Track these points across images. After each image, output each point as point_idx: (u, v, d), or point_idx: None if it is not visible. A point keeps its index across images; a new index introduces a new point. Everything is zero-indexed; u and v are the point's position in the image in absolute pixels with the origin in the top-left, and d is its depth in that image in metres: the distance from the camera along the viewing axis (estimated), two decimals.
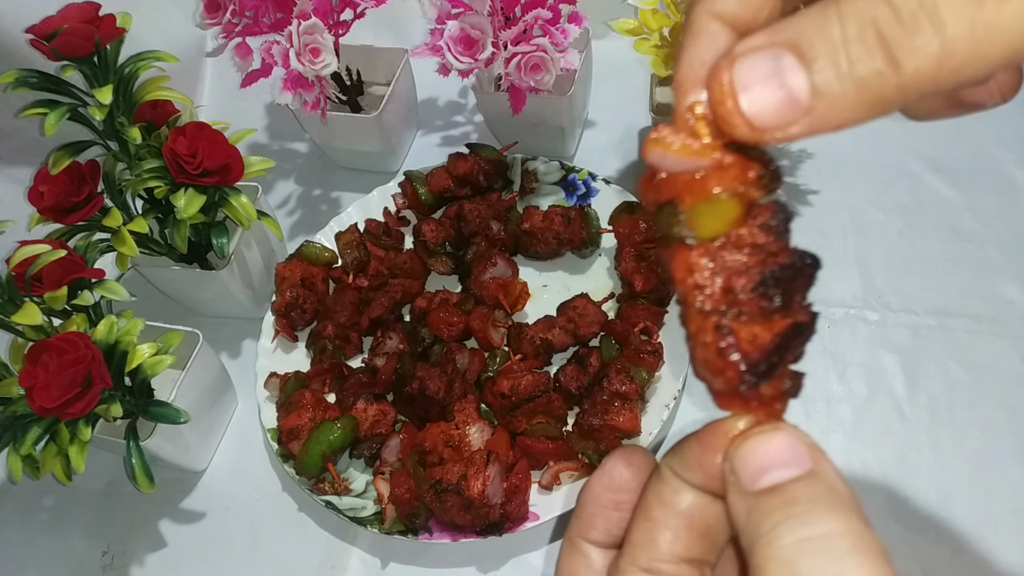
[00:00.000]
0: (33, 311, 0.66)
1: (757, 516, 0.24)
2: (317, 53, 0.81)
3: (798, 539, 0.22)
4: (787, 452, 0.24)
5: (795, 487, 0.24)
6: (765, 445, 0.25)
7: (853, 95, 0.22)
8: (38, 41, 0.71)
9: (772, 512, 0.23)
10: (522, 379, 0.76)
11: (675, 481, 0.26)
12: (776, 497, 0.24)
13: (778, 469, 0.24)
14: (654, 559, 0.26)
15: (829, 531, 0.22)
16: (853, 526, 0.22)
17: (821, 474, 0.24)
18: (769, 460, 0.24)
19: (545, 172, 0.93)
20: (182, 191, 0.75)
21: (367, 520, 0.73)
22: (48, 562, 0.81)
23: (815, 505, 0.23)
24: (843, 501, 0.23)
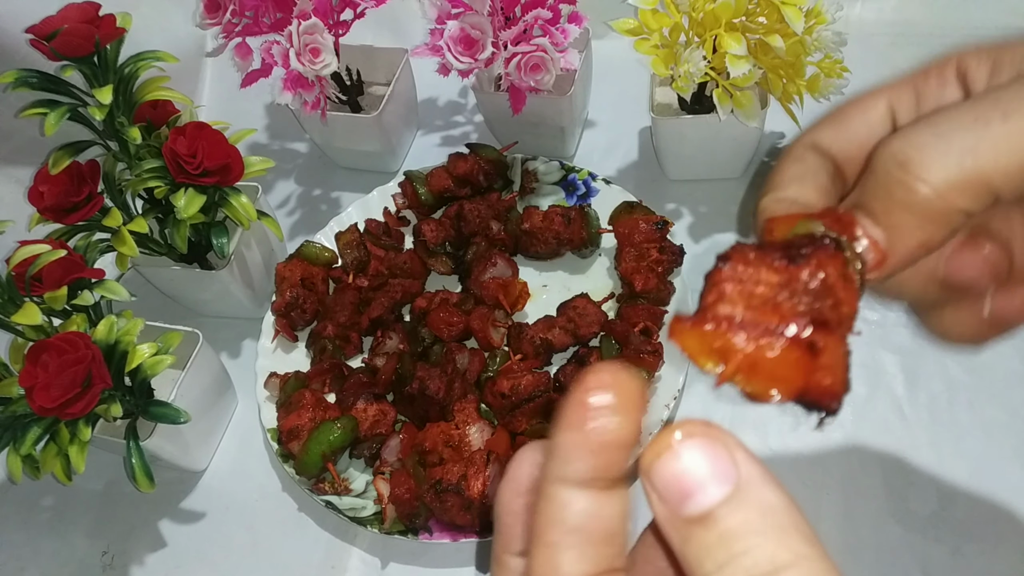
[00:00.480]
0: (33, 311, 0.66)
1: (696, 551, 0.22)
2: (317, 53, 0.81)
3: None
4: (707, 467, 0.22)
5: (726, 516, 0.22)
6: (681, 461, 0.23)
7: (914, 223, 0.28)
8: (38, 41, 0.71)
9: (711, 551, 0.22)
10: (522, 379, 0.76)
11: (560, 493, 0.24)
12: (710, 531, 0.22)
13: (701, 492, 0.22)
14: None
15: (773, 568, 0.21)
16: (796, 551, 0.21)
17: (748, 489, 0.22)
18: (690, 479, 0.22)
19: (545, 172, 0.93)
20: (182, 191, 0.75)
21: (367, 520, 0.73)
22: (48, 562, 0.81)
23: (754, 539, 0.22)
24: (779, 519, 0.22)
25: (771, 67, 0.74)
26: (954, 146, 0.27)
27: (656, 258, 0.81)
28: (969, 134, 0.27)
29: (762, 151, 0.94)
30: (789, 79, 0.75)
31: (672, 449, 0.23)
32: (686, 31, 0.75)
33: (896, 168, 0.28)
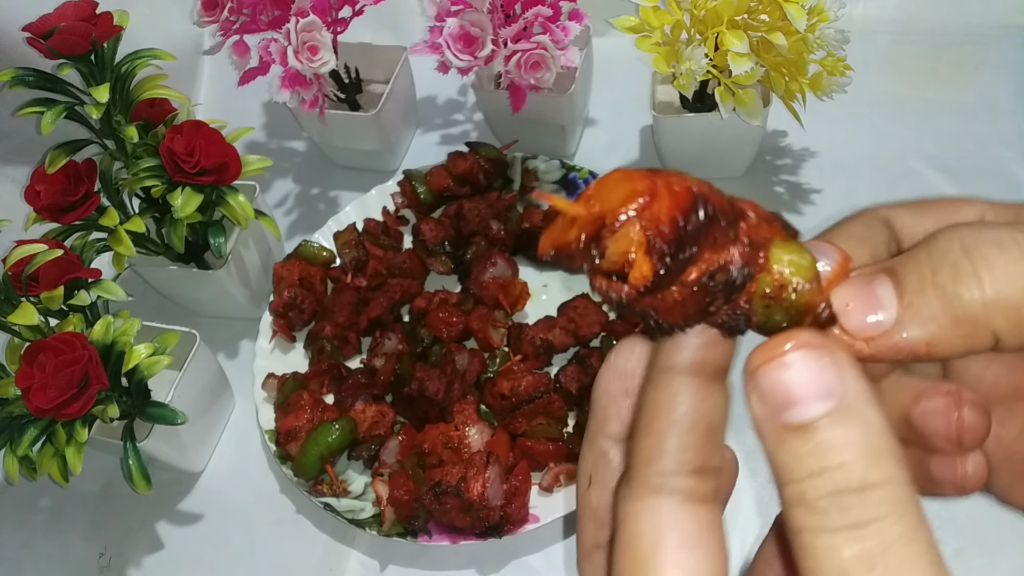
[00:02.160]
0: (30, 311, 0.66)
1: (787, 457, 0.22)
2: (315, 51, 0.81)
3: (829, 492, 0.22)
4: (816, 380, 0.22)
5: (826, 429, 0.22)
6: (792, 369, 0.23)
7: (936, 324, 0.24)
8: (35, 39, 0.70)
9: (804, 459, 0.22)
10: (522, 380, 0.75)
11: (671, 381, 0.25)
12: (806, 441, 0.22)
13: (804, 403, 0.22)
14: (662, 473, 0.24)
15: (861, 484, 0.21)
16: (886, 474, 0.22)
17: (852, 408, 0.22)
18: (795, 390, 0.22)
19: (545, 171, 0.93)
20: (179, 190, 0.74)
21: (366, 522, 0.73)
22: (45, 564, 0.81)
23: (848, 454, 0.22)
24: (876, 441, 0.22)
25: (773, 65, 0.74)
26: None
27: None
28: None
29: (764, 150, 0.94)
30: (791, 77, 0.74)
31: (782, 357, 0.23)
32: (688, 28, 0.74)
33: (958, 250, 0.23)
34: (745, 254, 0.23)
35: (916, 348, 0.24)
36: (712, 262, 0.23)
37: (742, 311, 0.23)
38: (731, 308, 0.23)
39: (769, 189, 0.93)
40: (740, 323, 0.23)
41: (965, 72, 1.00)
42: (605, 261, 0.23)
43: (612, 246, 0.23)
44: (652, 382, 0.26)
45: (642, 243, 0.23)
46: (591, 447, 0.29)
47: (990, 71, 0.99)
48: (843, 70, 0.74)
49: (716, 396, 0.25)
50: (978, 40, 1.00)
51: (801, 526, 0.22)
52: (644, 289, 0.23)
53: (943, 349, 0.24)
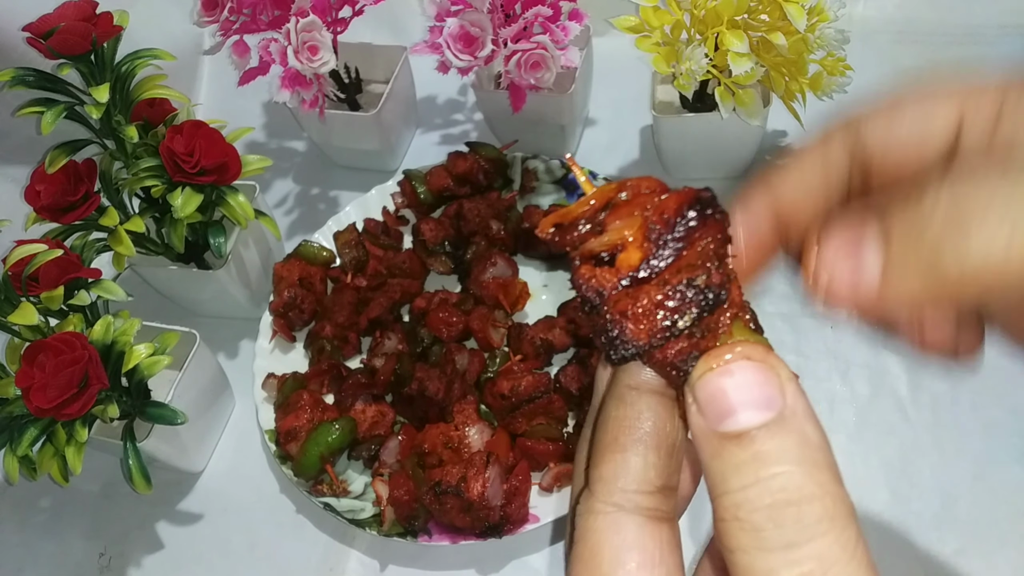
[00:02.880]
0: (30, 311, 0.65)
1: (723, 467, 0.22)
2: (315, 51, 0.81)
3: (765, 505, 0.21)
4: (756, 391, 0.22)
5: (764, 439, 0.22)
6: (731, 379, 0.22)
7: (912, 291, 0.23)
8: (35, 39, 0.70)
9: (740, 469, 0.22)
10: (522, 380, 0.75)
11: (636, 400, 0.25)
12: (743, 450, 0.22)
13: (744, 411, 0.22)
14: (628, 491, 0.24)
15: (799, 497, 0.21)
16: (825, 489, 0.22)
17: (790, 420, 0.22)
18: (735, 398, 0.22)
19: (545, 171, 0.93)
20: (179, 190, 0.74)
21: (366, 522, 0.73)
22: (45, 564, 0.81)
23: (786, 467, 0.21)
24: (813, 454, 0.22)
25: (773, 65, 0.74)
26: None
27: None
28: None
29: (764, 150, 0.94)
30: (791, 77, 0.74)
31: (724, 367, 0.23)
32: (688, 28, 0.74)
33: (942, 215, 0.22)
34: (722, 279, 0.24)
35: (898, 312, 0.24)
36: (695, 271, 0.23)
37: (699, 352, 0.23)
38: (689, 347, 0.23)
39: None
40: (691, 367, 0.23)
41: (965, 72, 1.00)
42: (599, 241, 0.24)
43: (613, 224, 0.24)
44: (617, 398, 0.25)
45: (641, 227, 0.23)
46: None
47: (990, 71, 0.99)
48: (843, 70, 0.74)
49: (677, 417, 0.25)
50: (978, 40, 1.00)
51: (736, 545, 0.22)
52: (628, 277, 0.23)
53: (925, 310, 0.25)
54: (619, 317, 0.23)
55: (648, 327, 0.23)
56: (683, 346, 0.23)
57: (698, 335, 0.23)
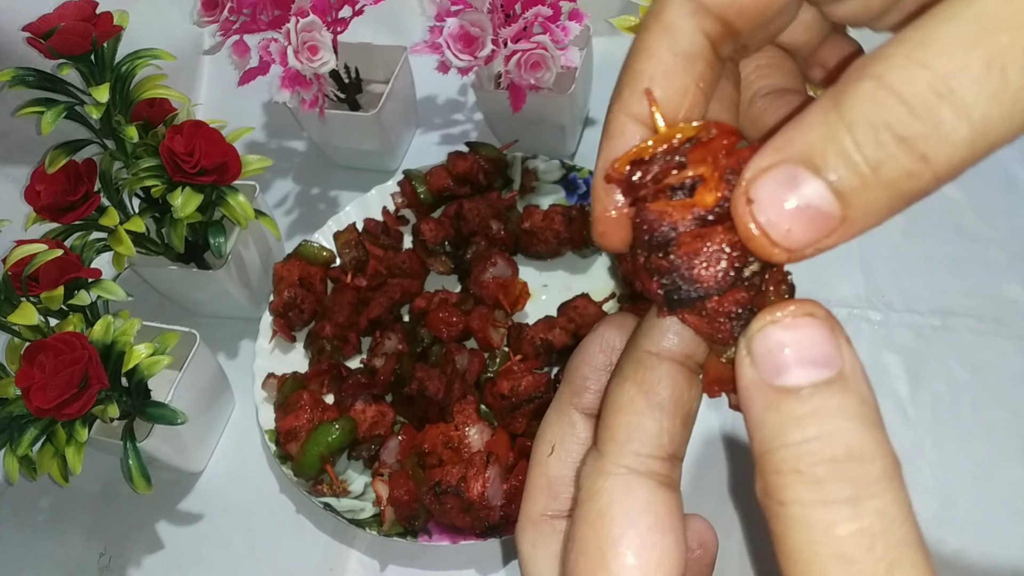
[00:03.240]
0: (30, 311, 0.65)
1: (781, 419, 0.21)
2: (315, 51, 0.81)
3: (827, 458, 0.21)
4: (817, 348, 0.22)
5: (825, 397, 0.21)
6: (793, 333, 0.22)
7: (885, 197, 0.20)
8: (35, 39, 0.70)
9: (801, 422, 0.21)
10: (522, 380, 0.75)
11: (656, 365, 0.25)
12: (804, 404, 0.21)
13: (805, 367, 0.21)
14: (641, 454, 0.24)
15: (862, 454, 0.21)
16: (884, 448, 0.21)
17: (850, 379, 0.22)
18: (796, 354, 0.22)
19: (545, 171, 0.93)
20: (179, 190, 0.74)
21: (366, 522, 0.73)
22: (45, 564, 0.81)
23: (846, 423, 0.21)
24: (872, 414, 0.22)
25: None
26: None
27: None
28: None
29: None
30: None
31: (788, 320, 0.22)
32: None
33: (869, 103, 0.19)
34: None
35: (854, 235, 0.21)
36: None
37: (753, 307, 0.23)
38: (749, 299, 0.23)
39: None
40: (745, 320, 0.23)
41: None
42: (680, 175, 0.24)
43: (696, 158, 0.24)
44: (637, 362, 0.25)
45: (718, 168, 0.23)
46: (559, 415, 0.28)
47: None
48: None
49: (695, 389, 0.25)
50: None
51: (792, 497, 0.21)
52: (702, 218, 0.23)
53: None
54: (689, 256, 0.23)
55: (715, 271, 0.23)
56: (743, 295, 0.23)
57: (759, 287, 0.23)
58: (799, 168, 0.21)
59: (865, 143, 0.20)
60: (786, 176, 0.21)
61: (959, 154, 0.20)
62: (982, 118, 0.19)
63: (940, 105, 0.19)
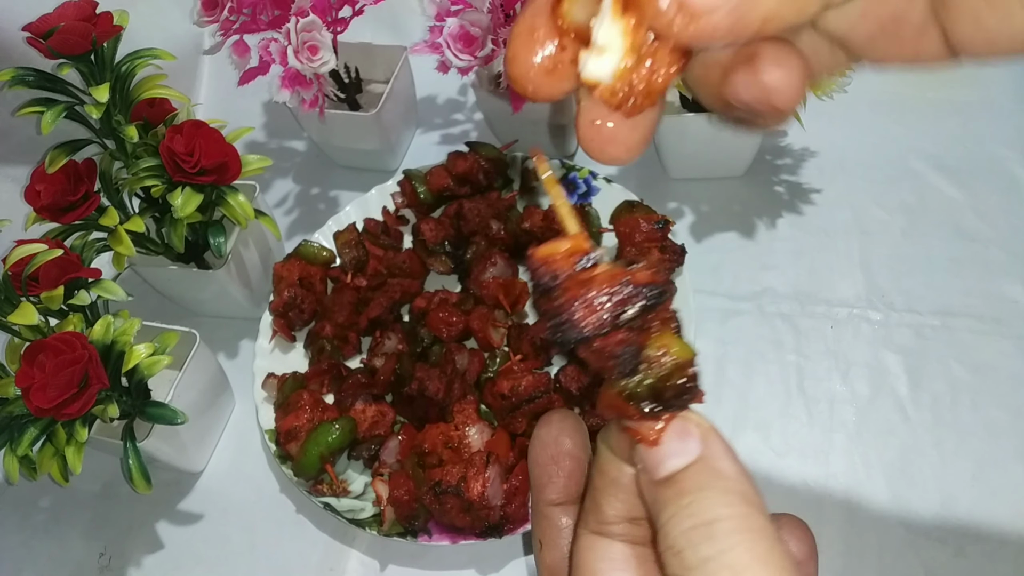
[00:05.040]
0: (29, 311, 0.65)
1: (656, 506, 0.26)
2: (315, 51, 0.81)
3: (683, 530, 0.25)
4: (677, 441, 0.27)
5: (684, 477, 0.26)
6: (661, 444, 0.27)
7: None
8: (35, 39, 0.70)
9: (667, 504, 0.26)
10: (522, 380, 0.75)
11: (614, 458, 0.29)
12: (669, 488, 0.26)
13: (671, 458, 0.26)
14: (601, 522, 0.29)
15: (711, 518, 0.25)
16: (734, 510, 0.25)
17: (707, 459, 0.26)
18: (665, 450, 0.27)
19: None
20: (179, 190, 0.74)
21: (366, 522, 0.73)
22: (45, 563, 0.81)
23: (700, 494, 0.25)
24: (727, 484, 0.25)
25: None
26: None
27: (657, 257, 0.80)
28: None
29: (764, 150, 0.94)
30: None
31: (655, 439, 0.27)
32: None
33: None
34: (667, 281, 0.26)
35: (759, 22, 0.22)
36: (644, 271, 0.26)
37: (636, 347, 0.26)
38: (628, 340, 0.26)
39: (769, 189, 0.93)
40: (629, 358, 0.26)
41: (965, 72, 1.00)
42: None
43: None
44: (597, 453, 0.30)
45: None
46: (537, 515, 0.33)
47: (990, 71, 0.99)
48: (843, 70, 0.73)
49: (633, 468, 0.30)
50: None
51: (669, 574, 0.25)
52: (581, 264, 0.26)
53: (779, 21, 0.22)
54: (570, 303, 0.25)
55: (595, 314, 0.25)
56: (622, 337, 0.25)
57: (636, 329, 0.25)
58: None
59: None
60: None
61: None
62: None
63: None
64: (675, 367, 0.26)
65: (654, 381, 0.26)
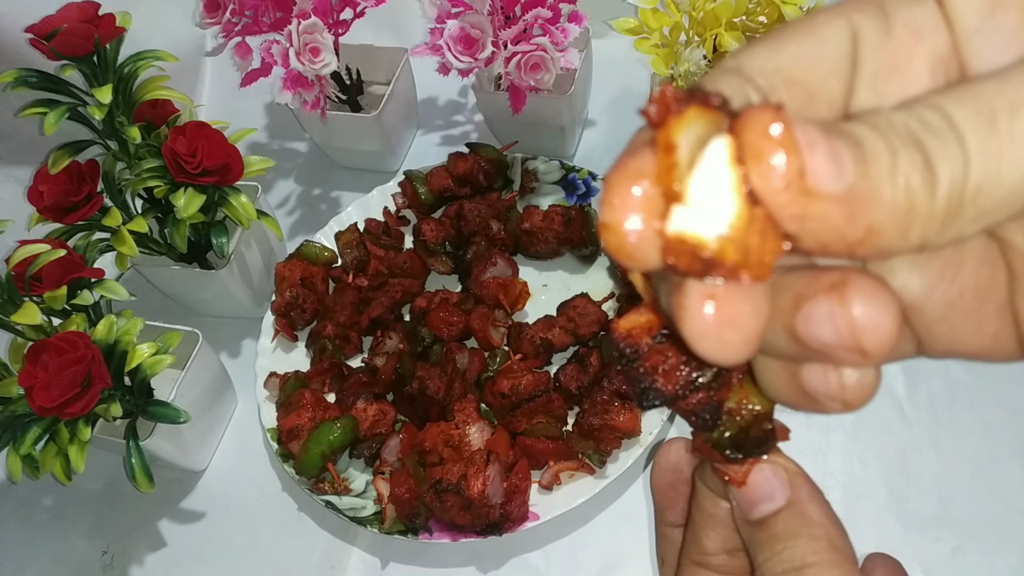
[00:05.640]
0: (33, 311, 0.66)
1: (753, 547, 0.29)
2: (317, 52, 0.81)
3: (776, 573, 0.28)
4: (767, 486, 0.29)
5: (775, 522, 0.28)
6: (753, 479, 0.29)
7: (894, 197, 0.19)
8: (38, 40, 0.70)
9: (761, 547, 0.28)
10: (522, 379, 0.76)
11: (710, 494, 0.31)
12: (763, 532, 0.29)
13: (763, 503, 0.29)
14: (702, 553, 0.32)
15: (800, 564, 0.27)
16: (821, 556, 0.27)
17: (796, 504, 0.28)
18: (756, 494, 0.29)
19: (545, 171, 0.93)
20: (182, 190, 0.75)
21: (367, 520, 0.73)
22: (48, 562, 0.81)
23: (790, 541, 0.28)
24: (814, 532, 0.28)
25: None
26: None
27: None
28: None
29: None
30: None
31: (742, 477, 0.29)
32: (686, 30, 0.74)
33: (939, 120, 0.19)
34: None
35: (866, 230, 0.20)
36: None
37: (716, 404, 0.27)
38: (707, 399, 0.27)
39: None
40: (710, 414, 0.27)
41: None
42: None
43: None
44: (695, 489, 0.33)
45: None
46: (660, 535, 0.35)
47: None
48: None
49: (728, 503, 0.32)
50: None
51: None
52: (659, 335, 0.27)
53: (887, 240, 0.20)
54: (651, 371, 0.26)
55: (674, 381, 0.26)
56: (702, 396, 0.27)
57: (715, 388, 0.27)
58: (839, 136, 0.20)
59: (900, 136, 0.20)
60: (824, 130, 0.20)
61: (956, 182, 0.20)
62: (974, 153, 0.19)
63: (946, 130, 0.20)
64: (753, 419, 0.28)
65: (734, 433, 0.28)
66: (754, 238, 0.20)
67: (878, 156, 0.20)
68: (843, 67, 0.24)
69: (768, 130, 0.19)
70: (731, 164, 0.20)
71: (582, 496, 0.72)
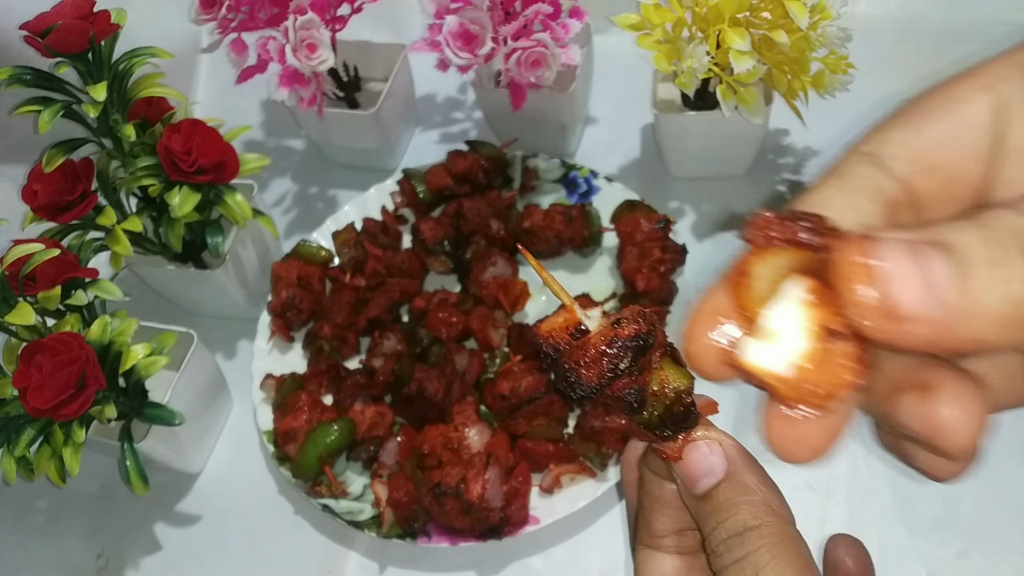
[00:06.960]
0: (27, 311, 0.65)
1: (701, 520, 0.31)
2: (314, 49, 0.80)
3: (721, 539, 0.30)
4: (705, 461, 0.30)
5: (717, 493, 0.30)
6: (692, 456, 0.31)
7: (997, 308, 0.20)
8: (32, 38, 0.70)
9: (708, 518, 0.30)
10: (522, 380, 0.75)
11: (655, 478, 0.33)
12: (707, 504, 0.30)
13: (704, 477, 0.30)
14: (653, 536, 0.34)
15: (742, 528, 0.29)
16: (760, 519, 0.29)
17: (735, 475, 0.30)
18: (696, 469, 0.31)
19: (546, 170, 0.93)
20: (176, 189, 0.74)
21: (365, 524, 0.72)
22: (42, 565, 0.80)
23: (731, 510, 0.30)
24: (753, 498, 0.29)
25: (775, 63, 0.73)
26: None
27: (659, 257, 0.80)
28: None
29: (766, 148, 0.93)
30: (794, 75, 0.74)
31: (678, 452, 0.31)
32: (689, 26, 0.74)
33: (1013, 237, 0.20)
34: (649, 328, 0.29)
35: (977, 338, 0.20)
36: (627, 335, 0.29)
37: (639, 387, 0.29)
38: (630, 383, 0.29)
39: (771, 187, 0.92)
40: (636, 397, 0.29)
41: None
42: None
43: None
44: (642, 475, 0.35)
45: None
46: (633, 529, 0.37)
47: None
48: (845, 68, 0.73)
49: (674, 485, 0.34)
50: (981, 38, 0.99)
51: (714, 569, 0.30)
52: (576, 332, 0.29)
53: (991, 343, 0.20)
54: (574, 365, 0.29)
55: (597, 371, 0.29)
56: (625, 381, 0.29)
57: (636, 372, 0.29)
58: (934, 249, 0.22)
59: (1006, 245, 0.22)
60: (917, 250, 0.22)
61: None
62: None
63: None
64: (676, 396, 0.30)
65: (662, 412, 0.30)
66: (824, 375, 0.24)
67: (981, 268, 0.20)
68: (986, 149, 0.24)
69: (854, 265, 0.21)
70: (806, 304, 0.23)
71: (583, 499, 0.71)
